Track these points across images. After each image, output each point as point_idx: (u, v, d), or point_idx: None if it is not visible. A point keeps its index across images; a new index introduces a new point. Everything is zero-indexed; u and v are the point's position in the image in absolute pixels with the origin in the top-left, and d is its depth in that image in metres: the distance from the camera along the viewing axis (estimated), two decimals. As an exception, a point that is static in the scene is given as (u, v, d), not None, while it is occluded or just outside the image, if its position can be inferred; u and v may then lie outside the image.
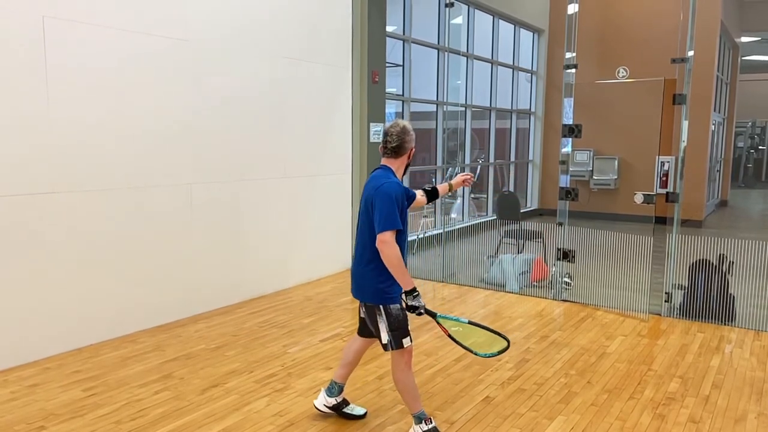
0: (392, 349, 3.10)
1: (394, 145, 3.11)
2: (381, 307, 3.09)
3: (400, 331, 3.09)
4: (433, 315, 3.13)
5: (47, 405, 3.58)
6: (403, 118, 8.55)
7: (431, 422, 3.17)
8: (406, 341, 3.10)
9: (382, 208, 2.96)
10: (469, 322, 3.20)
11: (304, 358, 4.39)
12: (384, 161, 3.18)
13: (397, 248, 2.96)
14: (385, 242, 2.94)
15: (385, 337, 3.09)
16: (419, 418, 3.15)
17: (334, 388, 3.43)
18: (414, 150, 3.21)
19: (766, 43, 15.81)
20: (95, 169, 4.52)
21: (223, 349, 4.54)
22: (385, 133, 3.14)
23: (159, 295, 5.06)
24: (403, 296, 3.07)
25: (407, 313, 3.11)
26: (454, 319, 3.22)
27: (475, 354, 3.13)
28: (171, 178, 5.08)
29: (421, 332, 4.98)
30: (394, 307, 3.09)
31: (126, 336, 4.78)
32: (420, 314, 3.08)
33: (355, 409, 3.49)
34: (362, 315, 3.27)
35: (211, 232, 5.46)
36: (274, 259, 6.16)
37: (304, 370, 4.15)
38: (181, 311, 5.25)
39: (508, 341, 3.12)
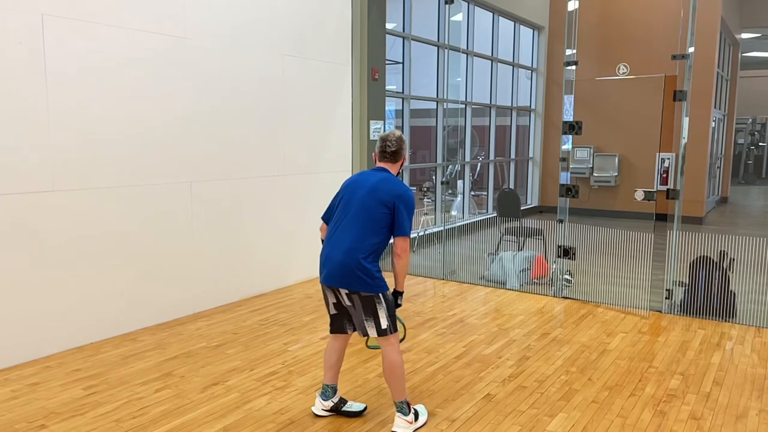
0: (390, 333, 3.20)
1: (393, 149, 3.29)
2: (380, 295, 3.17)
3: (394, 316, 3.25)
4: None
5: (48, 403, 3.58)
6: (403, 115, 8.56)
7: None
8: (397, 324, 3.30)
9: (405, 215, 3.15)
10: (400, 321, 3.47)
11: (304, 355, 4.39)
12: (382, 164, 3.32)
13: None
14: (406, 249, 3.18)
15: (384, 322, 3.18)
16: (408, 404, 3.27)
17: (328, 391, 3.45)
18: (405, 160, 3.40)
19: (767, 40, 15.78)
20: (95, 167, 4.52)
21: (223, 347, 4.54)
22: (384, 139, 3.30)
23: (159, 293, 5.06)
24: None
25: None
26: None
27: (367, 346, 3.53)
28: (171, 176, 5.07)
29: (422, 330, 4.98)
30: (388, 293, 3.23)
31: (126, 334, 4.78)
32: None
33: (353, 405, 3.50)
34: (333, 312, 3.33)
35: (211, 230, 5.46)
36: (274, 257, 6.16)
37: (305, 368, 4.15)
38: (181, 309, 5.25)
39: (404, 336, 3.45)
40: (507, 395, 3.75)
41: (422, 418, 3.35)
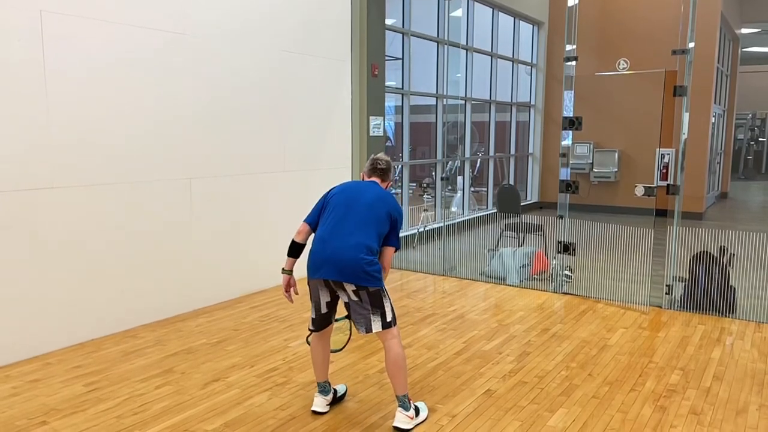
0: (394, 325, 3.27)
1: (383, 167, 3.46)
2: (385, 289, 3.27)
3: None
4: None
5: (49, 400, 3.58)
6: (402, 111, 8.55)
7: None
8: (345, 328, 3.52)
9: (399, 230, 3.35)
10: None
11: (305, 352, 4.39)
12: (373, 179, 3.46)
13: None
14: (391, 262, 3.40)
15: (389, 315, 3.26)
16: (409, 399, 3.30)
17: (326, 387, 3.48)
18: (391, 184, 3.57)
19: (766, 35, 15.76)
20: (95, 164, 4.51)
21: (224, 343, 4.54)
22: (374, 159, 3.49)
23: (159, 289, 5.06)
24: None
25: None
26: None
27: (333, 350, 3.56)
28: (170, 173, 5.07)
29: (422, 325, 4.99)
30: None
31: (127, 331, 4.78)
32: None
33: (339, 390, 3.62)
34: (325, 311, 3.38)
35: (211, 226, 5.46)
36: (274, 253, 6.15)
37: (305, 364, 4.15)
38: (181, 306, 5.26)
39: (341, 349, 3.57)
40: (507, 391, 3.76)
41: (423, 414, 3.37)
